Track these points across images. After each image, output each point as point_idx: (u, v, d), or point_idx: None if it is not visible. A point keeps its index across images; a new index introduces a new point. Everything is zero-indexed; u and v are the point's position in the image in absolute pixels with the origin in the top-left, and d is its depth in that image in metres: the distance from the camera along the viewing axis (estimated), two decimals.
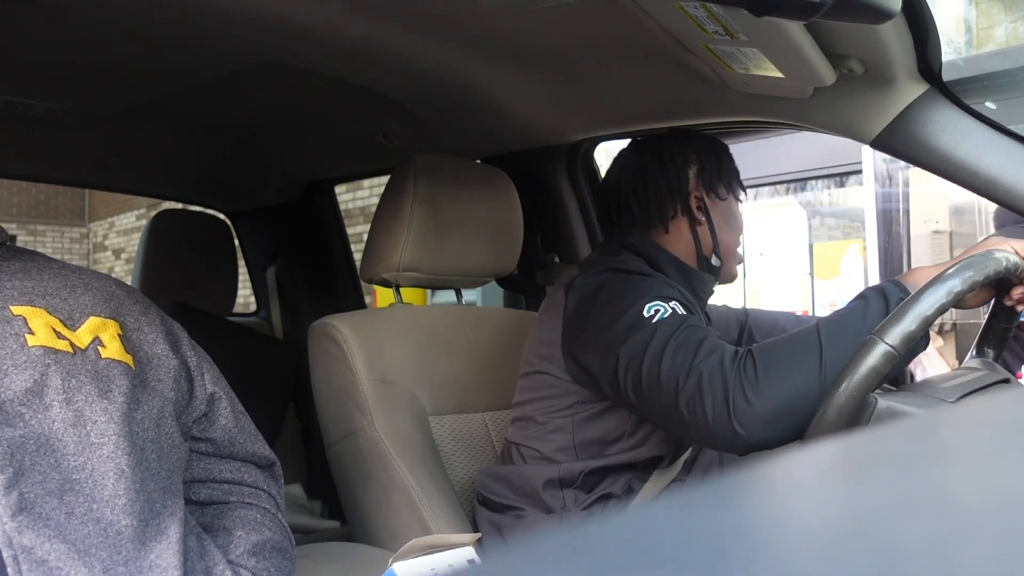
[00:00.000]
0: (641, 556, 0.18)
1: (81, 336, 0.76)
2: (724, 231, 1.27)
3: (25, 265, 0.80)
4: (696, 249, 1.25)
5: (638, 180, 1.28)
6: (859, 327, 0.95)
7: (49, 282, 0.79)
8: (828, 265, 4.18)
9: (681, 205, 1.25)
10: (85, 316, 0.78)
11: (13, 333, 0.72)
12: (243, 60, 1.29)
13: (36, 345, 0.72)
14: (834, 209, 4.51)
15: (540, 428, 1.19)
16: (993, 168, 1.05)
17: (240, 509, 0.86)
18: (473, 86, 1.36)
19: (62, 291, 0.79)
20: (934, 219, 3.83)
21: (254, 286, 2.34)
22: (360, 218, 5.80)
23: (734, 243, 1.29)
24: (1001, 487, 0.22)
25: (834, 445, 0.27)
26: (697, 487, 0.24)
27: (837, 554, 0.18)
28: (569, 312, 1.17)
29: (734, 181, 1.30)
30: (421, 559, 0.81)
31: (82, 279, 0.82)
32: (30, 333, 0.73)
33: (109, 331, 0.79)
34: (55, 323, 0.75)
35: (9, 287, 0.76)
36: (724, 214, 1.28)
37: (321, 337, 1.31)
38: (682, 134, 1.32)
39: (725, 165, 1.29)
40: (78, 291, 0.80)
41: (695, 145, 1.28)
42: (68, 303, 0.78)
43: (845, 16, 0.70)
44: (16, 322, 0.73)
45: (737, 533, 0.21)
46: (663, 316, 1.04)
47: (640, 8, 0.96)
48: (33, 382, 0.70)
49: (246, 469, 0.89)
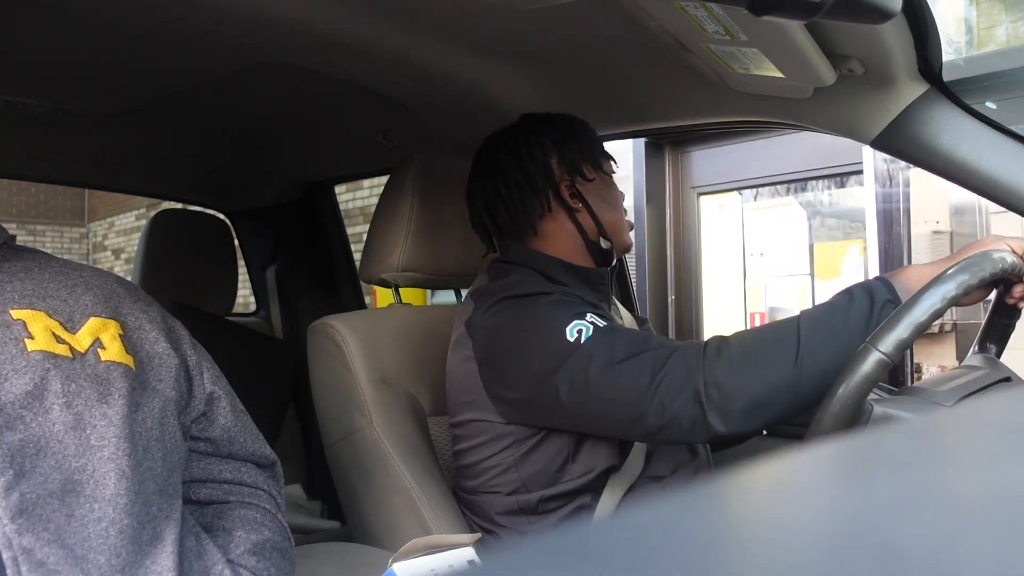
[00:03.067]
0: (641, 556, 0.18)
1: (81, 339, 0.76)
2: (604, 210, 1.22)
3: (26, 265, 0.79)
4: (582, 237, 1.21)
5: (500, 185, 1.22)
6: (840, 325, 0.95)
7: (49, 282, 0.79)
8: (828, 265, 4.18)
9: (552, 199, 1.21)
10: (85, 317, 0.78)
11: (12, 338, 0.72)
12: (243, 60, 1.29)
13: (36, 350, 0.72)
14: (834, 209, 4.51)
15: (486, 474, 1.15)
16: (993, 168, 1.05)
17: (240, 509, 0.85)
18: (473, 86, 1.36)
19: (62, 291, 0.79)
20: (934, 219, 3.82)
21: (254, 286, 2.34)
22: (360, 218, 5.80)
23: (618, 219, 1.24)
24: (1001, 487, 0.22)
25: (834, 446, 0.27)
26: (697, 487, 0.24)
27: (837, 555, 0.18)
28: (480, 354, 1.13)
29: (598, 156, 1.24)
30: (421, 559, 0.81)
31: (83, 277, 0.82)
32: (29, 338, 0.72)
33: (110, 331, 0.78)
34: (55, 326, 0.75)
35: (9, 289, 0.76)
36: (598, 193, 1.23)
37: (320, 337, 1.31)
38: (533, 123, 1.26)
39: (585, 143, 1.24)
40: (78, 291, 0.80)
41: (548, 131, 1.23)
42: (68, 304, 0.78)
43: (845, 16, 0.70)
44: (16, 327, 0.73)
45: (737, 533, 0.21)
46: (588, 335, 1.03)
47: (640, 8, 0.96)
48: (33, 386, 0.69)
49: (246, 469, 0.89)
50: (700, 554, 0.19)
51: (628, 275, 1.71)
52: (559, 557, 0.19)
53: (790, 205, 4.42)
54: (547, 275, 1.18)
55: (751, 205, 4.51)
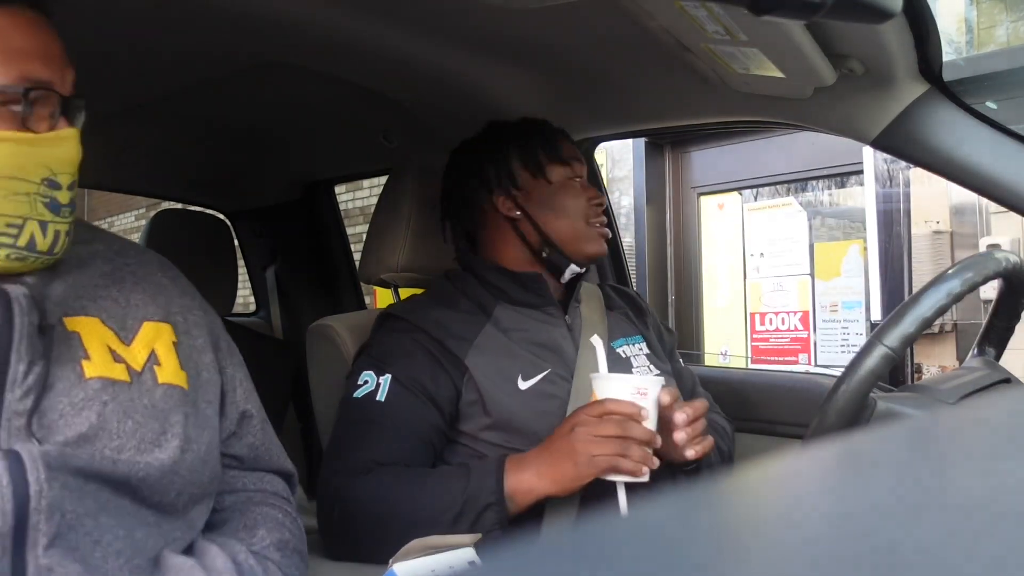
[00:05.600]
0: (641, 556, 0.18)
1: (136, 353, 0.74)
2: (549, 219, 1.18)
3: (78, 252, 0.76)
4: (527, 247, 1.20)
5: (446, 198, 1.27)
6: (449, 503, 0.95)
7: (99, 270, 0.76)
8: (828, 265, 4.18)
9: (490, 209, 1.20)
10: (138, 323, 0.75)
11: (71, 359, 0.69)
12: (243, 60, 1.29)
13: (94, 376, 0.69)
14: (834, 209, 4.51)
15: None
16: (993, 168, 1.05)
17: (263, 508, 0.85)
18: (473, 86, 1.35)
19: (112, 289, 0.76)
20: (935, 219, 3.82)
21: (254, 286, 2.34)
22: (360, 218, 5.79)
23: (568, 227, 1.19)
24: (1001, 487, 0.22)
25: (834, 445, 0.27)
26: (697, 488, 0.24)
27: (837, 554, 0.18)
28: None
29: (544, 162, 1.20)
30: (421, 560, 0.80)
31: (128, 266, 0.80)
32: (86, 358, 0.70)
33: (163, 340, 0.76)
34: (109, 338, 0.73)
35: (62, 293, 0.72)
36: (542, 201, 1.19)
37: (319, 338, 1.31)
38: (484, 132, 1.26)
39: (531, 150, 1.20)
40: (127, 285, 0.78)
41: (491, 140, 1.23)
42: (120, 305, 0.75)
43: (845, 16, 0.70)
44: (73, 341, 0.70)
45: (737, 533, 0.21)
46: (361, 392, 1.08)
47: (640, 8, 0.96)
48: (88, 426, 0.67)
49: (268, 479, 0.89)
50: (701, 554, 0.19)
51: (628, 275, 1.71)
52: (559, 557, 0.19)
53: (790, 205, 4.42)
54: (484, 280, 1.19)
55: (751, 205, 4.51)
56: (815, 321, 4.21)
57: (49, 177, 0.69)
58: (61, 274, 0.74)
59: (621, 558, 0.18)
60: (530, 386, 1.10)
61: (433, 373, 1.08)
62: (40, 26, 0.72)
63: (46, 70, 0.71)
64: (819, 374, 1.88)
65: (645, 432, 0.93)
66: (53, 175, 0.70)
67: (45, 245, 0.69)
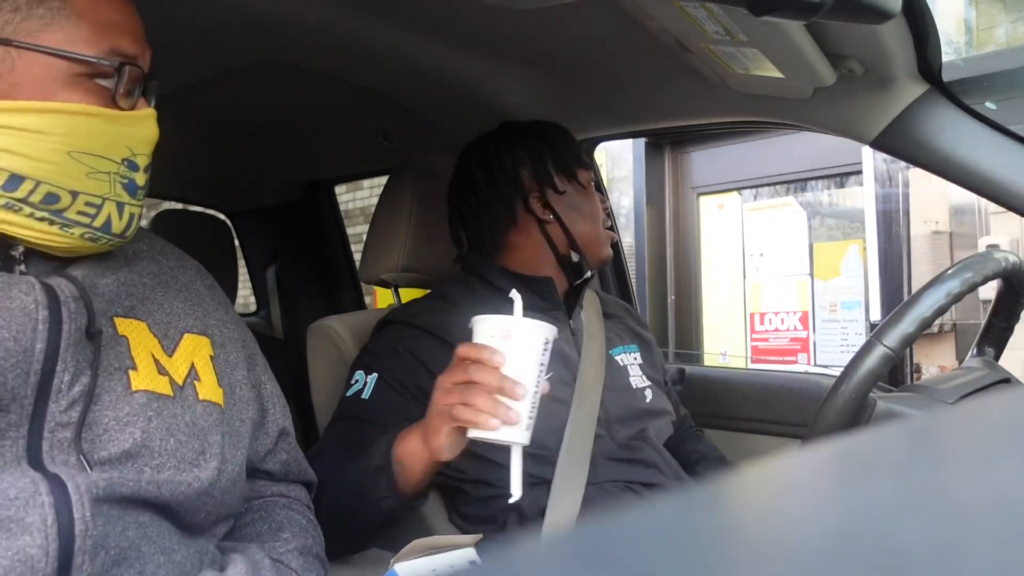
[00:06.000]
0: (641, 556, 0.18)
1: (178, 366, 0.71)
2: (577, 222, 1.20)
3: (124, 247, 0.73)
4: (553, 250, 1.20)
5: (471, 196, 1.22)
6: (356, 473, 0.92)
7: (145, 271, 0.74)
8: (828, 265, 4.18)
9: (522, 210, 1.20)
10: (180, 332, 0.73)
11: (119, 368, 0.67)
12: (243, 60, 1.29)
13: (140, 390, 0.67)
14: (834, 209, 4.51)
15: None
16: (993, 168, 1.05)
17: (287, 511, 0.84)
18: (473, 86, 1.36)
19: (157, 291, 0.74)
20: (934, 219, 3.82)
21: (254, 286, 2.34)
22: (360, 218, 5.79)
23: (592, 231, 1.21)
24: (1001, 487, 0.22)
25: (833, 445, 0.27)
26: (697, 488, 0.24)
27: (837, 554, 0.18)
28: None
29: (573, 167, 1.22)
30: (422, 560, 0.81)
31: (172, 270, 0.78)
32: (133, 369, 0.67)
33: (203, 353, 0.74)
34: (154, 346, 0.70)
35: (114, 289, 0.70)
36: (571, 204, 1.20)
37: (319, 338, 1.31)
38: (507, 132, 1.25)
39: (559, 153, 1.21)
40: (172, 290, 0.75)
41: (521, 141, 1.22)
42: (164, 310, 0.73)
43: (845, 16, 0.70)
44: (121, 347, 0.68)
45: (737, 533, 0.21)
46: (351, 391, 1.08)
47: (640, 8, 0.96)
48: (132, 443, 0.65)
49: (293, 488, 0.88)
50: (701, 554, 0.19)
51: (628, 275, 1.71)
52: (559, 557, 0.19)
53: (790, 205, 4.42)
54: (491, 283, 1.18)
55: (751, 205, 4.51)
56: (814, 321, 4.21)
57: (129, 157, 0.67)
58: (112, 267, 0.71)
59: (621, 558, 0.18)
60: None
61: (428, 374, 1.07)
62: (127, 1, 0.70)
63: (134, 45, 0.69)
64: (819, 374, 1.88)
65: (492, 377, 0.80)
66: (133, 155, 0.68)
67: (120, 227, 0.67)
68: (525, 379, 0.81)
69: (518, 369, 0.81)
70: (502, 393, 0.80)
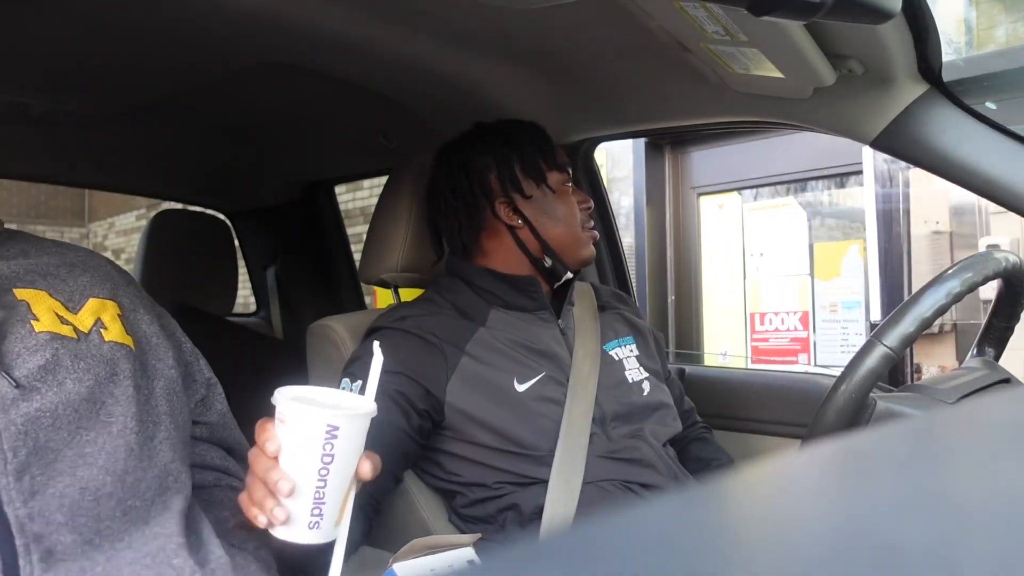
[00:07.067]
0: (641, 556, 0.18)
1: (83, 319, 0.76)
2: (548, 226, 1.19)
3: (23, 248, 0.80)
4: (526, 255, 1.19)
5: (441, 200, 1.22)
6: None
7: (48, 260, 0.79)
8: (828, 265, 4.18)
9: (491, 216, 1.19)
10: (85, 298, 0.78)
11: (20, 319, 0.72)
12: (243, 60, 1.29)
13: (43, 331, 0.72)
14: (834, 209, 4.51)
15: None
16: (993, 168, 1.05)
17: (228, 492, 0.86)
18: (473, 86, 1.36)
19: (61, 270, 0.79)
20: (934, 219, 3.82)
21: (254, 286, 2.34)
22: (360, 218, 5.79)
23: (566, 234, 1.20)
24: (1001, 487, 0.22)
25: (833, 445, 0.27)
26: (697, 488, 0.24)
27: (836, 554, 0.18)
28: None
29: (544, 169, 1.19)
30: (421, 559, 0.81)
31: (79, 257, 0.83)
32: (35, 319, 0.73)
33: (109, 312, 0.79)
34: (57, 306, 0.75)
35: (10, 270, 0.76)
36: (542, 208, 1.18)
37: (319, 338, 1.31)
38: (478, 135, 1.22)
39: (529, 157, 1.19)
40: (76, 271, 0.80)
41: (490, 145, 1.20)
42: (68, 284, 0.78)
43: (845, 16, 0.70)
44: (21, 307, 0.73)
45: (737, 533, 0.21)
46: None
47: (640, 8, 0.96)
48: (46, 360, 0.70)
49: (231, 459, 0.90)
50: (701, 554, 0.19)
51: (628, 275, 1.71)
52: (559, 557, 0.19)
53: (790, 205, 4.42)
54: (474, 285, 1.18)
55: (751, 205, 4.51)
56: (815, 321, 4.21)
57: None
58: (6, 258, 0.77)
59: (621, 558, 0.18)
60: (526, 389, 1.10)
61: (410, 381, 1.07)
62: None
63: None
64: (819, 374, 1.89)
65: (259, 467, 0.69)
66: None
67: None
68: (299, 474, 0.68)
69: (291, 461, 0.68)
70: (266, 487, 0.68)
